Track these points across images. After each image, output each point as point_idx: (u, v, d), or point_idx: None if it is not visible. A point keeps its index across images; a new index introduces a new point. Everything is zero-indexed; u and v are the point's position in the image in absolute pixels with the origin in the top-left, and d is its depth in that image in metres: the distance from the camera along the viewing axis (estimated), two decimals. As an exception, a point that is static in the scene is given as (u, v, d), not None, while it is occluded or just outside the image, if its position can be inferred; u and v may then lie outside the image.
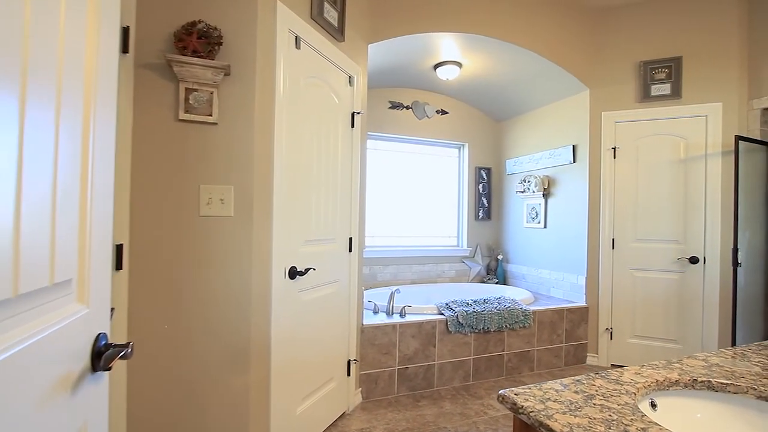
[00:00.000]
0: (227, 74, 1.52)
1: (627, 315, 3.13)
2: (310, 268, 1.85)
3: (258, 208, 1.60)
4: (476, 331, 2.77)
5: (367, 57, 2.59)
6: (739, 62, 2.91)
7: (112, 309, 1.22)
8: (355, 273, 2.36)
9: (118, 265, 1.33)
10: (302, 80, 1.85)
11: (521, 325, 2.91)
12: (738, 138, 2.68)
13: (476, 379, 2.80)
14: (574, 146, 3.41)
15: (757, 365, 1.05)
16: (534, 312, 3.00)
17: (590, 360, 3.22)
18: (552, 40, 3.13)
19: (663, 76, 3.07)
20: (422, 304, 3.28)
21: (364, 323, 2.50)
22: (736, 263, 2.66)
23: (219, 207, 1.51)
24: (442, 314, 2.77)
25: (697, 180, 2.97)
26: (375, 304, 2.83)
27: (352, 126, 2.32)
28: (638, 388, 0.87)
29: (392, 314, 2.74)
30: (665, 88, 3.06)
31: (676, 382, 0.94)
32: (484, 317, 2.77)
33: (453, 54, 3.18)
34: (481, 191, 4.29)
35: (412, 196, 4.07)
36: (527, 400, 0.77)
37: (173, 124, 1.48)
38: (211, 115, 1.50)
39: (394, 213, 3.97)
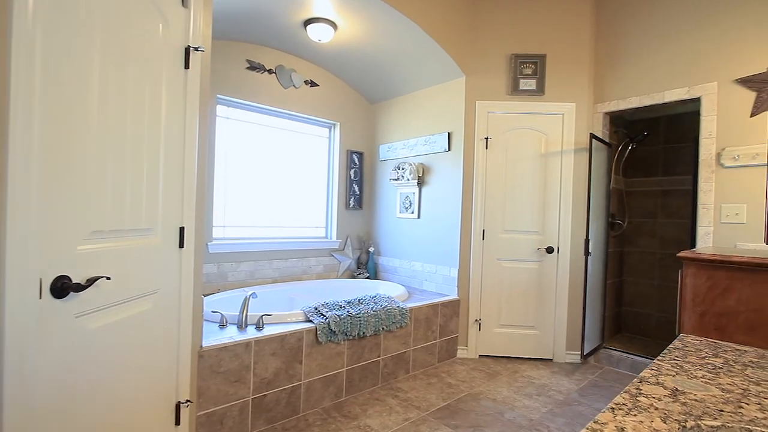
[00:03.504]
0: None
1: (494, 305, 3.16)
2: (100, 277, 1.12)
3: (-34, 168, 0.82)
4: (350, 337, 2.36)
5: (214, -21, 1.88)
6: (589, 68, 3.16)
7: None
8: (190, 276, 1.67)
9: None
10: (87, -37, 1.09)
11: (398, 326, 2.62)
12: (592, 136, 2.87)
13: (349, 393, 2.39)
14: (449, 134, 3.29)
15: (709, 383, 0.87)
16: (411, 309, 2.75)
17: (460, 353, 3.16)
18: (433, 13, 2.89)
19: (530, 71, 3.14)
20: (285, 309, 2.72)
21: (204, 345, 1.82)
22: (587, 252, 2.86)
23: None
24: (311, 321, 2.27)
25: (554, 175, 3.14)
26: (222, 315, 2.16)
27: (186, 67, 1.60)
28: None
29: (246, 327, 2.11)
30: (531, 84, 3.14)
31: (668, 436, 0.66)
32: (359, 321, 2.38)
33: (326, 9, 2.66)
34: (352, 177, 3.91)
35: (275, 179, 3.43)
36: None
37: None
38: None
39: (252, 198, 3.27)
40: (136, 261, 1.35)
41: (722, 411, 0.74)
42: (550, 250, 3.10)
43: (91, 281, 1.09)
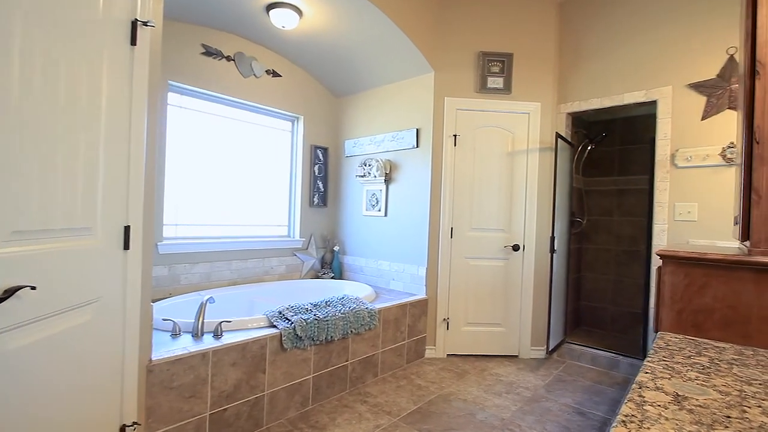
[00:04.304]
0: None
1: (462, 303, 3.14)
2: (22, 287, 0.93)
3: None
4: (318, 342, 2.23)
5: (165, -52, 1.68)
6: (553, 69, 3.21)
7: None
8: (137, 281, 1.47)
9: None
10: None
11: (367, 328, 2.52)
12: (558, 135, 2.92)
13: (316, 401, 2.26)
14: (417, 130, 3.23)
15: (704, 385, 0.85)
16: (379, 310, 2.66)
17: (428, 353, 3.11)
18: (403, 5, 2.81)
19: (497, 69, 3.14)
20: (246, 314, 2.53)
21: (153, 358, 1.63)
22: (552, 250, 2.90)
23: None
24: (275, 327, 2.11)
25: (520, 173, 3.17)
26: (175, 323, 1.96)
27: (133, 43, 1.41)
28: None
29: (202, 336, 1.93)
30: (499, 82, 3.14)
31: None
32: (327, 325, 2.25)
33: (293, -6, 2.51)
34: (317, 173, 3.76)
35: (234, 174, 3.21)
36: None
37: None
38: None
39: (207, 194, 3.03)
40: (71, 266, 1.15)
41: (729, 417, 0.71)
42: (516, 247, 3.13)
43: (10, 292, 0.90)
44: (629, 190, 3.81)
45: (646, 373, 0.91)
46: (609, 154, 3.96)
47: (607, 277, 3.91)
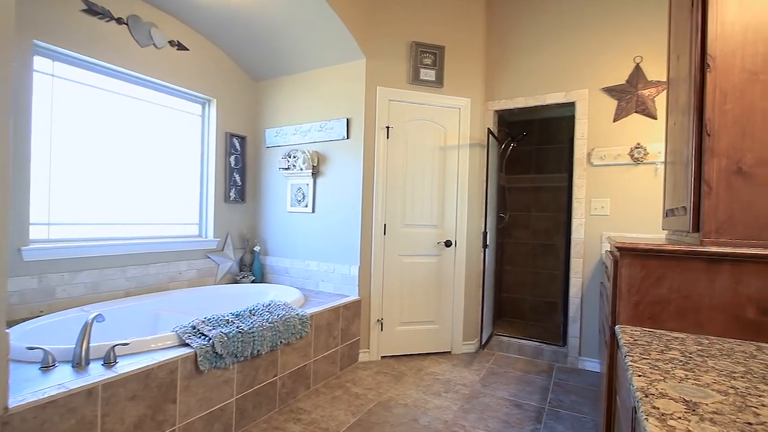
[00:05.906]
0: None
1: (396, 303, 3.02)
2: None
3: None
4: (242, 359, 1.91)
5: None
6: (482, 66, 3.24)
7: None
8: (-17, 304, 1.05)
9: None
10: None
11: (299, 336, 2.26)
12: (489, 131, 2.94)
13: (241, 426, 1.94)
14: (348, 120, 3.02)
15: (698, 385, 0.80)
16: (311, 316, 2.41)
17: (362, 357, 2.94)
18: (335, -17, 2.58)
19: (429, 61, 3.08)
20: (149, 333, 2.09)
21: (11, 405, 1.19)
22: (485, 245, 2.92)
23: None
24: (188, 345, 1.75)
25: (452, 168, 3.15)
26: (46, 352, 1.50)
27: (-29, -38, 0.98)
28: None
29: (87, 365, 1.50)
30: (431, 74, 3.08)
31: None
32: (253, 337, 1.94)
33: (206, -51, 2.12)
34: (233, 165, 3.34)
35: (129, 163, 2.67)
36: None
37: None
38: None
39: (93, 187, 2.47)
40: None
41: (750, 424, 0.64)
42: (448, 243, 3.10)
43: None
44: (545, 187, 4.06)
45: (639, 376, 0.84)
46: (527, 154, 4.18)
47: (526, 270, 4.12)
